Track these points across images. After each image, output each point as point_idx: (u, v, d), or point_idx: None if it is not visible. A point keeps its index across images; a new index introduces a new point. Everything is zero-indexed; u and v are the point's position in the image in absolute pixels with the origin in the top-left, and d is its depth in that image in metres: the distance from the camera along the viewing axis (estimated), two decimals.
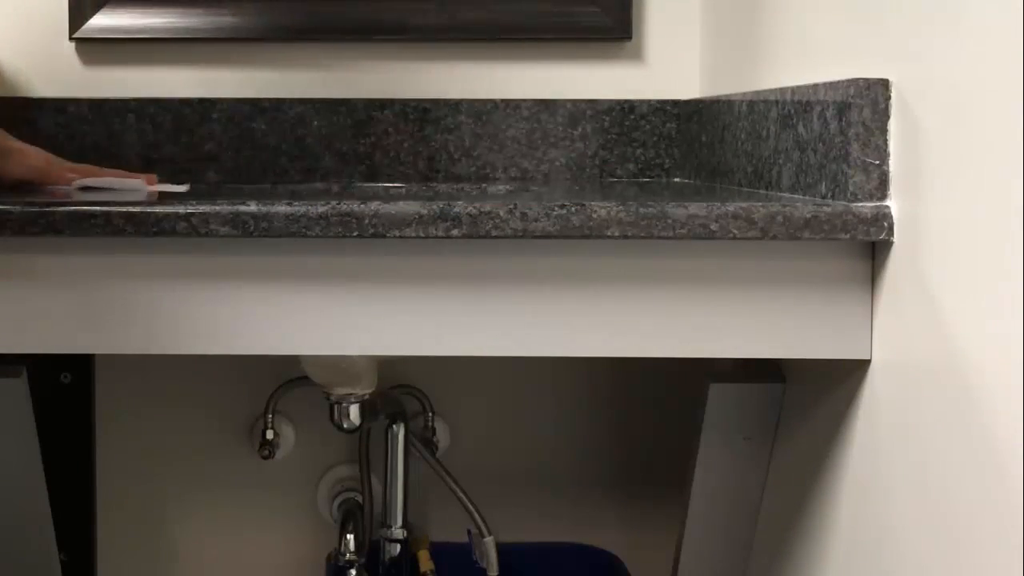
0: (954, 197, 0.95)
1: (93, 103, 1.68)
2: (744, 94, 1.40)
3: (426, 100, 1.70)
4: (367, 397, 1.55)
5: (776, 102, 1.27)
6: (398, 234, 1.08)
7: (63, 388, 1.70)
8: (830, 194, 1.11)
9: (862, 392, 1.13)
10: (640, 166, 1.71)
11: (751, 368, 1.41)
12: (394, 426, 1.66)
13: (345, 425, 1.55)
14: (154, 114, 1.68)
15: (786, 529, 1.32)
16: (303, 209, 1.08)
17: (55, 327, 1.12)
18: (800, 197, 1.18)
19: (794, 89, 1.22)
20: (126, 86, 1.70)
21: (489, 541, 1.60)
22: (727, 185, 1.45)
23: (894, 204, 1.06)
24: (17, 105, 1.66)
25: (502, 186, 1.63)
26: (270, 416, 1.70)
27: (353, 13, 1.69)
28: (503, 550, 1.62)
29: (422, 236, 1.08)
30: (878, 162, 1.07)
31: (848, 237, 1.06)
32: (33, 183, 1.34)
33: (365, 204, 1.08)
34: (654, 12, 1.72)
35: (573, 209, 1.07)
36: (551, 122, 1.70)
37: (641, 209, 1.07)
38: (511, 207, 1.08)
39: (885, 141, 1.07)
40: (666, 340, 1.13)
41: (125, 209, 1.09)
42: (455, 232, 1.08)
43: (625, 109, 1.70)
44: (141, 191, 1.31)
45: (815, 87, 1.16)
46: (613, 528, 1.78)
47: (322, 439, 1.74)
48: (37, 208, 1.08)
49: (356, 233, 1.08)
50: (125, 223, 1.08)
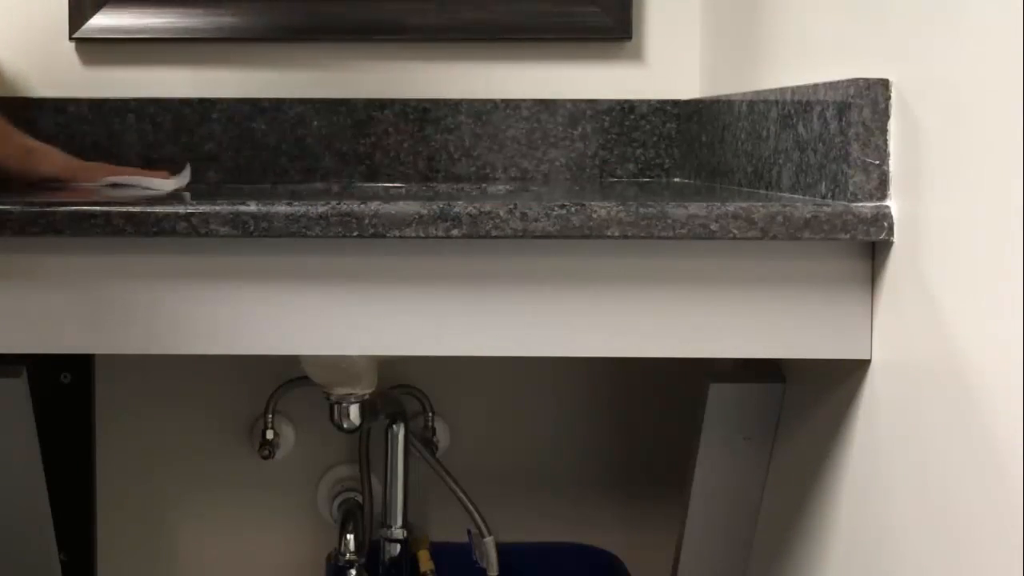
0: (954, 197, 0.95)
1: (93, 103, 1.68)
2: (744, 94, 1.40)
3: (426, 100, 1.70)
4: (367, 397, 1.55)
5: (776, 102, 1.27)
6: (398, 234, 1.08)
7: (63, 388, 1.70)
8: (830, 194, 1.11)
9: (862, 392, 1.13)
10: (640, 166, 1.71)
11: (751, 368, 1.41)
12: (394, 426, 1.66)
13: (345, 425, 1.54)
14: (154, 114, 1.68)
15: (786, 529, 1.32)
16: (303, 209, 1.08)
17: (55, 327, 1.12)
18: (800, 197, 1.18)
19: (794, 89, 1.22)
20: (126, 86, 1.70)
21: (489, 541, 1.60)
22: (727, 185, 1.45)
23: (894, 204, 1.06)
24: (17, 105, 1.66)
25: (502, 186, 1.63)
26: (270, 416, 1.70)
27: (353, 13, 1.69)
28: (503, 550, 1.62)
29: (422, 236, 1.08)
30: (878, 162, 1.07)
31: (848, 237, 1.06)
32: (60, 181, 1.35)
33: (365, 204, 1.08)
34: (654, 12, 1.72)
35: (573, 209, 1.07)
36: (551, 122, 1.70)
37: (641, 209, 1.07)
38: (511, 207, 1.08)
39: (885, 141, 1.07)
40: (666, 340, 1.13)
41: (125, 209, 1.09)
42: (455, 232, 1.08)
43: (625, 109, 1.70)
44: (163, 189, 1.32)
45: (815, 87, 1.16)
46: (613, 528, 1.77)
47: (322, 439, 1.74)
48: (37, 208, 1.08)
49: (356, 233, 1.08)
50: (125, 223, 1.08)
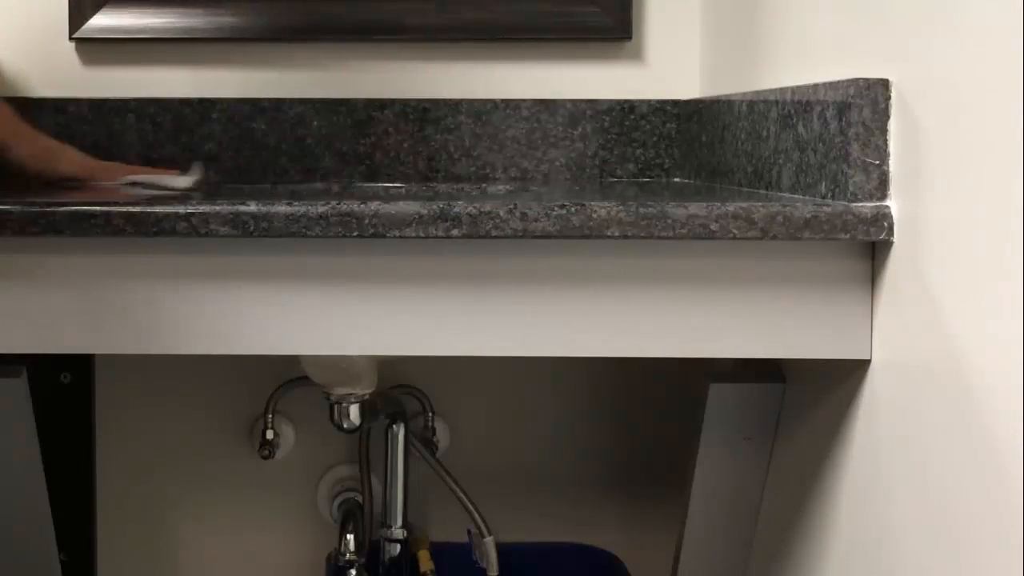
0: (954, 197, 0.95)
1: (93, 103, 1.68)
2: (744, 94, 1.40)
3: (426, 100, 1.70)
4: (367, 397, 1.54)
5: (776, 102, 1.27)
6: (398, 234, 1.08)
7: (63, 388, 1.70)
8: (830, 194, 1.11)
9: (862, 392, 1.13)
10: (640, 166, 1.71)
11: (751, 368, 1.41)
12: (394, 426, 1.66)
13: (345, 425, 1.54)
14: (154, 114, 1.68)
15: (786, 529, 1.32)
16: (303, 209, 1.08)
17: (55, 327, 1.12)
18: (800, 197, 1.18)
19: (794, 89, 1.22)
20: (126, 86, 1.70)
21: (489, 541, 1.60)
22: (727, 185, 1.45)
23: (894, 204, 1.06)
24: (17, 105, 1.65)
25: (502, 186, 1.63)
26: (270, 416, 1.70)
27: (353, 13, 1.69)
28: (503, 550, 1.61)
29: (422, 236, 1.08)
30: (878, 162, 1.07)
31: (848, 237, 1.06)
32: (78, 180, 1.36)
33: (365, 204, 1.08)
34: (654, 12, 1.72)
35: (573, 209, 1.07)
36: (551, 122, 1.70)
37: (641, 209, 1.07)
38: (511, 207, 1.08)
39: (885, 141, 1.07)
40: (666, 340, 1.13)
41: (125, 209, 1.09)
42: (455, 232, 1.08)
43: (625, 109, 1.70)
44: (180, 186, 1.33)
45: (815, 87, 1.16)
46: (613, 528, 1.77)
47: (322, 439, 1.74)
48: (37, 208, 1.08)
49: (356, 233, 1.08)
50: (125, 223, 1.08)
